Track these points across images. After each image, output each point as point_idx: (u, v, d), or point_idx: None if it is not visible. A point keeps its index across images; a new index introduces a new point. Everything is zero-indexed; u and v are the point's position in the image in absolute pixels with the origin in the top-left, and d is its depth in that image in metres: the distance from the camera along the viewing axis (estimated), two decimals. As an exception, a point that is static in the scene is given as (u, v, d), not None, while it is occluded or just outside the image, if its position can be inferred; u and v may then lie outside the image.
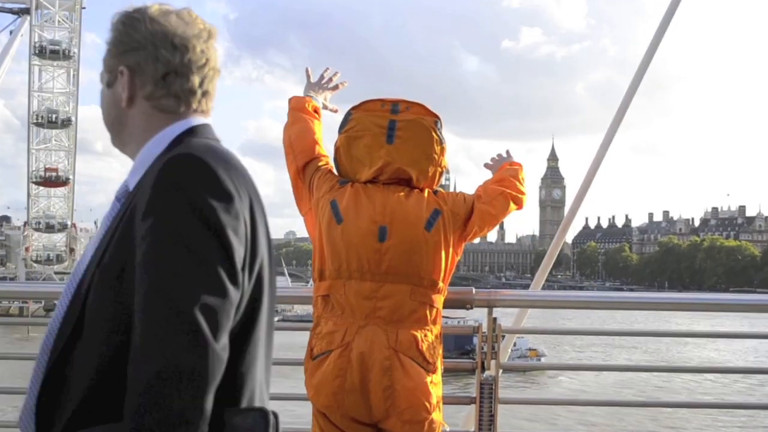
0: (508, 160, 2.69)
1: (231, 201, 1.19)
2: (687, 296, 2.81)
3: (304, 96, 2.64)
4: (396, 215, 2.30)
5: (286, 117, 2.60)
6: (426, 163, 2.36)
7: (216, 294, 1.15)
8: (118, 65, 1.32)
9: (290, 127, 2.55)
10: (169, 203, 1.17)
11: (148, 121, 1.32)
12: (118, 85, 1.32)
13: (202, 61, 1.33)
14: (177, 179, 1.18)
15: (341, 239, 2.30)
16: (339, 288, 2.30)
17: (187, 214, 1.16)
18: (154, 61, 1.30)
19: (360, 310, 2.27)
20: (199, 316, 1.12)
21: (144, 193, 1.20)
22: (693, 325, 40.27)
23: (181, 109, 1.33)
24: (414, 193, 2.36)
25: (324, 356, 2.28)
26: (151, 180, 1.20)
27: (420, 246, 2.30)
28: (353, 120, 2.39)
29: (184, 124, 1.32)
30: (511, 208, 2.51)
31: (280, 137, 2.59)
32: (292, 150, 2.51)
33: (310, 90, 2.68)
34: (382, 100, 2.40)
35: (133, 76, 1.31)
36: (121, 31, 1.32)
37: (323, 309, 2.33)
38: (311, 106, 2.60)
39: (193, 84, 1.33)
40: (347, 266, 2.30)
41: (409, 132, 2.34)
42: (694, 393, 21.90)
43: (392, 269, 2.28)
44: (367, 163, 2.36)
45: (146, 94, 1.32)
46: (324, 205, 2.36)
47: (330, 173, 2.44)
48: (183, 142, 1.29)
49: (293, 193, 2.50)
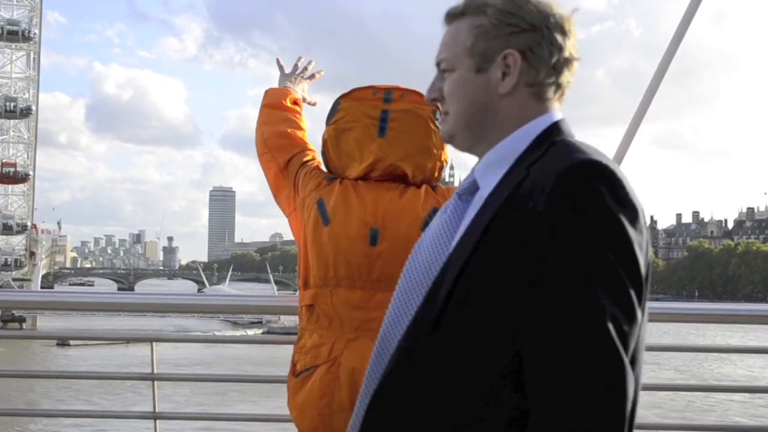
0: None
1: (637, 215, 1.19)
2: (719, 306, 2.81)
3: (281, 87, 2.64)
4: (389, 215, 2.29)
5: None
6: (423, 157, 2.34)
7: (629, 323, 1.12)
8: (503, 47, 1.30)
9: (263, 124, 2.54)
10: (577, 219, 1.13)
11: (522, 112, 1.31)
12: (496, 70, 1.30)
13: (577, 49, 1.33)
14: (584, 191, 1.15)
15: (328, 242, 2.29)
16: (325, 297, 2.29)
17: (599, 232, 1.13)
18: (549, 46, 1.29)
19: (349, 321, 2.26)
20: (621, 354, 1.09)
21: (530, 200, 1.17)
22: (726, 338, 40.30)
23: (554, 99, 1.33)
24: (409, 190, 2.34)
25: (308, 373, 2.26)
26: (549, 188, 1.16)
27: (417, 249, 2.29)
28: (342, 110, 2.38)
29: (547, 118, 1.31)
30: None
31: None
32: (269, 149, 2.49)
33: (285, 81, 2.67)
34: (373, 87, 2.38)
35: (522, 60, 1.30)
36: (507, 10, 1.30)
37: (308, 320, 2.32)
38: (290, 99, 2.59)
39: (571, 73, 1.33)
40: (335, 273, 2.28)
41: (403, 123, 2.33)
42: (728, 414, 21.90)
43: (385, 276, 2.25)
44: (357, 158, 2.35)
45: (531, 81, 1.30)
46: (310, 205, 2.35)
47: (317, 169, 2.43)
48: (553, 139, 1.27)
49: (274, 196, 2.48)
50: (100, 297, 3.16)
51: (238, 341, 16.52)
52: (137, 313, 61.89)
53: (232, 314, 53.98)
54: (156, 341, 2.97)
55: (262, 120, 2.56)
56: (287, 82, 2.67)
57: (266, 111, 2.57)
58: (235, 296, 3.00)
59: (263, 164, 2.51)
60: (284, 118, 2.55)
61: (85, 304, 3.29)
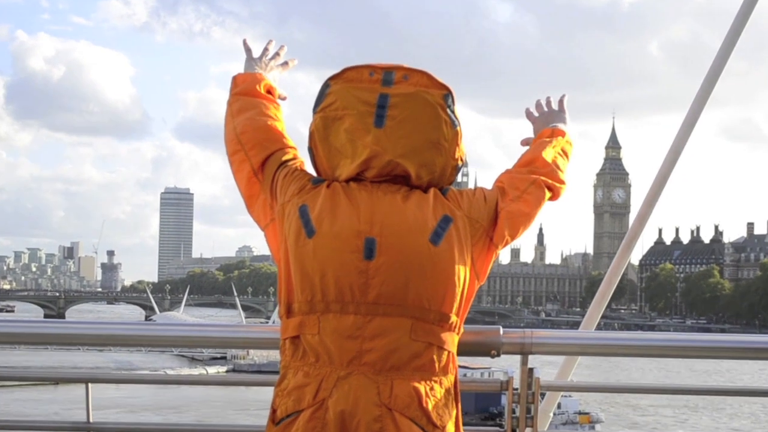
0: (554, 121, 2.74)
1: None
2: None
3: (252, 73, 2.65)
4: (388, 223, 2.29)
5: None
6: (430, 153, 2.35)
7: None
8: None
9: (236, 115, 2.55)
10: None
11: None
12: None
13: None
14: None
15: (313, 258, 2.29)
16: (311, 325, 2.29)
17: None
18: None
19: (340, 354, 2.27)
20: None
21: None
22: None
23: None
24: (414, 194, 2.35)
25: (290, 419, 2.27)
26: None
27: (423, 264, 2.30)
28: (331, 94, 2.38)
29: None
30: (545, 199, 2.53)
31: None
32: (242, 145, 2.50)
33: (254, 67, 2.69)
34: (371, 66, 2.37)
35: None
36: None
37: (292, 356, 2.33)
38: (264, 86, 2.61)
39: None
40: (322, 295, 2.29)
41: (405, 110, 2.33)
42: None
43: (384, 297, 2.27)
44: (349, 153, 2.34)
45: None
46: (291, 213, 2.35)
47: (300, 171, 2.44)
48: None
49: (247, 205, 2.49)
50: (21, 326, 3.14)
51: (197, 382, 16.47)
52: (69, 347, 61.67)
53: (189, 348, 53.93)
54: (92, 382, 2.96)
55: (234, 111, 2.57)
56: (256, 68, 2.69)
57: (238, 100, 2.59)
58: (192, 325, 3.00)
59: (234, 166, 2.51)
60: (260, 109, 2.56)
61: (1, 336, 3.28)
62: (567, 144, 2.69)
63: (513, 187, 2.49)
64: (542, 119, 2.78)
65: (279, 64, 2.75)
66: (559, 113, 2.79)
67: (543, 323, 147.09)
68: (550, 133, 2.70)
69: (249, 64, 2.71)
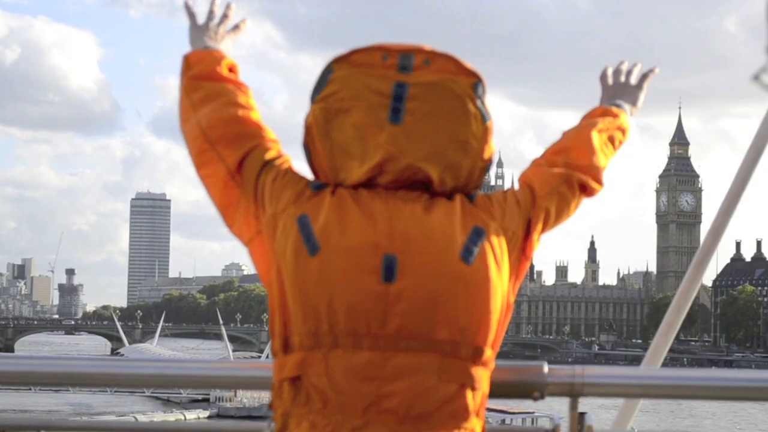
0: (620, 97, 2.75)
1: None
2: None
3: (208, 49, 2.63)
4: (411, 239, 2.29)
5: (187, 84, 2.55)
6: (456, 154, 2.34)
7: None
8: None
9: (199, 106, 2.52)
10: None
11: None
12: None
13: None
14: None
15: (318, 280, 2.29)
16: (317, 363, 2.28)
17: None
18: None
19: (353, 399, 2.26)
20: None
21: None
22: None
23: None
24: (438, 202, 2.35)
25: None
26: None
27: (455, 287, 2.29)
28: (335, 81, 2.37)
29: None
30: (579, 204, 2.54)
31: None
32: (211, 143, 2.47)
33: (202, 38, 2.67)
34: (383, 47, 2.37)
35: None
36: None
37: (292, 401, 2.31)
38: (226, 65, 2.59)
39: None
40: (330, 326, 2.28)
41: (427, 104, 2.33)
42: None
43: (408, 329, 2.26)
44: (358, 154, 2.34)
45: None
46: (286, 225, 2.34)
47: (292, 173, 2.43)
48: None
49: (223, 216, 2.48)
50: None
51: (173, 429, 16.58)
52: (18, 387, 62.01)
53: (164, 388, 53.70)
54: (46, 429, 2.97)
55: (196, 101, 2.54)
56: (205, 38, 2.67)
57: (198, 87, 2.56)
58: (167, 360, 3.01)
59: (203, 169, 2.49)
60: (229, 98, 2.53)
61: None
62: (618, 131, 2.66)
63: (542, 185, 2.49)
64: (611, 91, 2.78)
65: (229, 29, 2.72)
66: (634, 90, 2.78)
67: (596, 358, 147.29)
68: (602, 113, 2.67)
69: (196, 35, 2.68)
